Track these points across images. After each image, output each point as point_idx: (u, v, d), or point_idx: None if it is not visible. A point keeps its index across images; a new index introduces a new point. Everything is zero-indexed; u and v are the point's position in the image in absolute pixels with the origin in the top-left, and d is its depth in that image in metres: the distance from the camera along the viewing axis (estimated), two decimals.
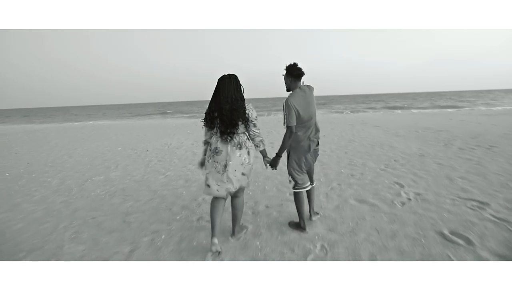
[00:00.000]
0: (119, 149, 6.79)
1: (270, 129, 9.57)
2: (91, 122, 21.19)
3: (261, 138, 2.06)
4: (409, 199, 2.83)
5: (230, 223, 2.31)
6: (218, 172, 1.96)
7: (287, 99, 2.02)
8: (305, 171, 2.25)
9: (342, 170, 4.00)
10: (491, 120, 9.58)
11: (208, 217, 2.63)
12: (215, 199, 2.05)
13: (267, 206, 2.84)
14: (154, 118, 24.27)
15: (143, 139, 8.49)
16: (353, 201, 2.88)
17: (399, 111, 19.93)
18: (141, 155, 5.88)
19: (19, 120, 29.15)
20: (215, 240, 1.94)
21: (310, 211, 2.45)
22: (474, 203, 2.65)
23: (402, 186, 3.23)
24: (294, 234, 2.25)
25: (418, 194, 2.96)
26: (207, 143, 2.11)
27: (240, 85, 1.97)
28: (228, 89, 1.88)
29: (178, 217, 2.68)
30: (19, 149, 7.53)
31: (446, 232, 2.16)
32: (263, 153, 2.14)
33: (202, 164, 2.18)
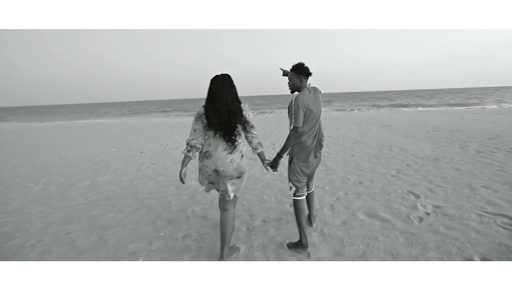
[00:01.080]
0: (113, 150, 6.50)
1: (272, 128, 9.21)
2: (90, 120, 21.01)
3: (258, 140, 1.88)
4: (428, 214, 2.46)
5: (219, 243, 1.97)
6: (211, 175, 1.80)
7: (296, 98, 1.79)
8: (306, 177, 2.00)
9: (349, 176, 3.63)
10: (507, 119, 9.06)
11: (195, 235, 2.30)
12: None
13: (263, 221, 2.50)
14: (156, 116, 24.03)
15: (140, 138, 8.19)
16: (362, 215, 2.52)
17: (406, 109, 19.36)
18: (135, 157, 5.57)
19: (22, 118, 29.15)
20: None
21: (310, 217, 2.34)
22: (506, 220, 2.26)
23: (417, 196, 2.85)
24: (293, 259, 1.90)
25: (438, 207, 2.58)
26: (192, 148, 1.78)
27: (234, 85, 1.76)
28: (223, 91, 1.71)
29: (161, 234, 2.34)
30: (12, 149, 7.29)
31: (477, 260, 1.79)
32: (262, 156, 1.91)
33: (183, 176, 1.85)
